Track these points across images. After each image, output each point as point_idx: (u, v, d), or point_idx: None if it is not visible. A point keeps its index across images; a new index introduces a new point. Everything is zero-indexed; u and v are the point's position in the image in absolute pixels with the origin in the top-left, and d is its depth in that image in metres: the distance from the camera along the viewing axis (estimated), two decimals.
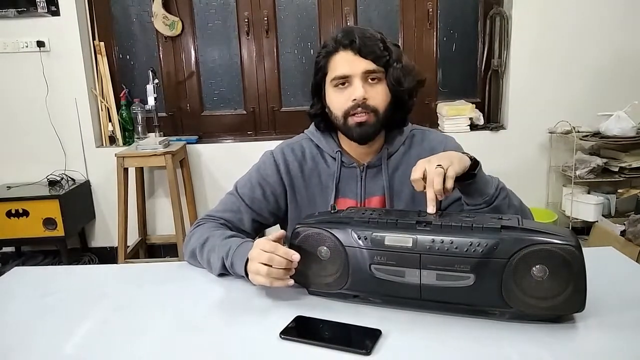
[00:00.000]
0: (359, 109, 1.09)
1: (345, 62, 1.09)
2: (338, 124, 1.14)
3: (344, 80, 1.10)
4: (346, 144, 1.19)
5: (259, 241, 0.96)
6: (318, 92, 1.17)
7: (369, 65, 1.08)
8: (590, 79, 2.85)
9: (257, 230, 1.24)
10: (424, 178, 0.92)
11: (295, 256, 0.91)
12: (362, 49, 1.08)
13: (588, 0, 2.76)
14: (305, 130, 1.26)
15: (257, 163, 1.25)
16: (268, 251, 0.92)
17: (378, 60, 1.09)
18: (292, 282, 0.93)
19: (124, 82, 2.99)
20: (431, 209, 0.91)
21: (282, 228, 1.29)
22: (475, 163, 1.00)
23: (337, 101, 1.12)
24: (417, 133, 1.22)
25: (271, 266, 0.91)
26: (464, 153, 1.01)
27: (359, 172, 1.18)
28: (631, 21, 2.78)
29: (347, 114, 1.11)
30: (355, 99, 1.08)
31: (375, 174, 1.19)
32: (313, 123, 1.24)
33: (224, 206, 1.22)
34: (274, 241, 0.95)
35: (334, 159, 1.19)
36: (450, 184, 0.90)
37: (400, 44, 2.89)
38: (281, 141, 1.27)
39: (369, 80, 1.10)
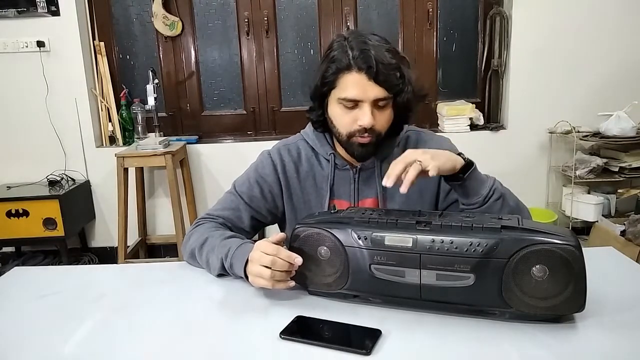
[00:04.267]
0: (365, 133, 1.07)
1: (357, 86, 1.04)
2: (340, 139, 1.12)
3: (352, 103, 1.06)
4: (340, 146, 1.19)
5: (259, 243, 0.96)
6: (320, 99, 1.14)
7: (381, 92, 1.05)
8: (590, 78, 2.85)
9: (256, 229, 1.24)
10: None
11: (298, 260, 0.91)
12: (378, 76, 1.03)
13: (588, 0, 2.76)
14: (301, 131, 1.26)
15: (254, 162, 1.25)
16: (270, 254, 0.92)
17: (391, 89, 1.06)
18: (293, 283, 0.93)
19: (124, 82, 2.99)
20: (387, 180, 0.93)
21: (280, 229, 1.29)
22: (469, 164, 1.01)
23: (343, 121, 1.09)
24: (411, 134, 1.22)
25: (272, 269, 0.91)
26: (459, 154, 1.02)
27: (352, 175, 1.18)
28: (631, 21, 2.78)
29: (351, 135, 1.09)
30: (362, 125, 1.06)
31: (369, 177, 1.18)
32: (310, 123, 1.24)
33: (223, 205, 1.22)
34: (275, 243, 0.94)
35: (328, 161, 1.19)
36: (412, 174, 0.91)
37: (400, 44, 2.92)
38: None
39: (378, 104, 1.07)
